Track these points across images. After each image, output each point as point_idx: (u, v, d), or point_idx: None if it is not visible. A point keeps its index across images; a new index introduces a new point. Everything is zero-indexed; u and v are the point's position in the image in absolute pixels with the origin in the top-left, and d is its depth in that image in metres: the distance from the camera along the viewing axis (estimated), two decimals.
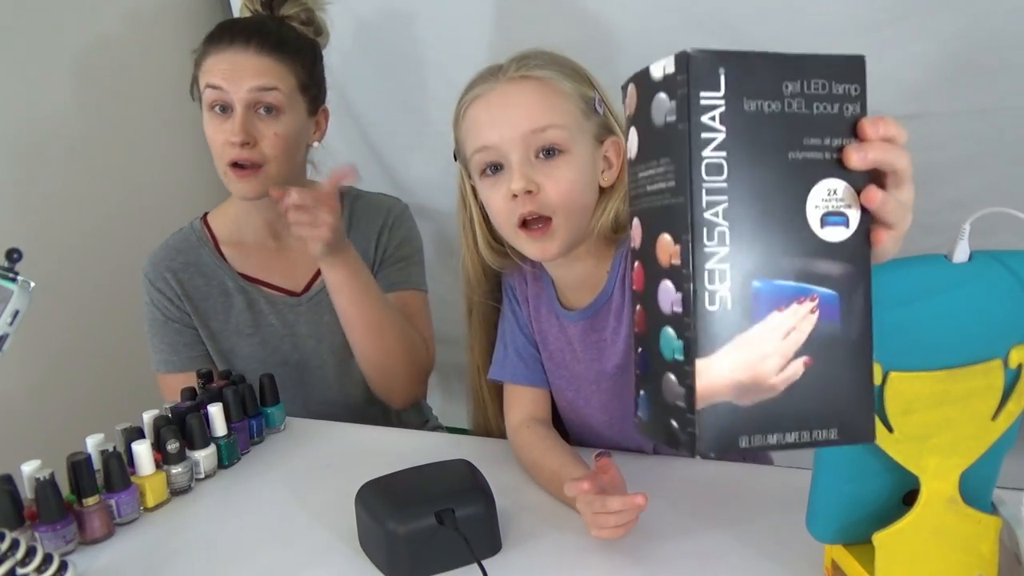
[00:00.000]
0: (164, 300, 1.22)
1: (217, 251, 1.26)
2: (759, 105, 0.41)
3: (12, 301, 0.71)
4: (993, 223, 0.54)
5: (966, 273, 0.58)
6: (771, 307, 0.41)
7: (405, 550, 0.74)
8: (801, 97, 0.42)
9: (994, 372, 0.59)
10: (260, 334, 1.25)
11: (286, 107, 1.14)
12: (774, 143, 0.41)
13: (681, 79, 0.40)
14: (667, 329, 0.42)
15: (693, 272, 0.40)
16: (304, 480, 0.97)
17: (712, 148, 0.40)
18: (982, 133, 1.21)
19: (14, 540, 0.74)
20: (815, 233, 0.42)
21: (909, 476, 0.61)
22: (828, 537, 0.67)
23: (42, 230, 1.41)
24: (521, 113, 0.87)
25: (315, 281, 1.27)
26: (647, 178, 0.43)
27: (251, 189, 1.15)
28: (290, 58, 1.16)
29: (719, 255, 0.40)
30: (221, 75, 1.12)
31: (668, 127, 0.41)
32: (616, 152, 0.92)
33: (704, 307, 0.40)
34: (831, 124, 0.42)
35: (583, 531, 0.79)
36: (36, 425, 1.36)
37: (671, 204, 0.41)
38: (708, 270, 0.40)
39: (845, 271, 0.42)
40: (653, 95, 0.43)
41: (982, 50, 1.16)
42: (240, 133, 1.10)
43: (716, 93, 0.40)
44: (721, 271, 0.40)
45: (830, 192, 0.42)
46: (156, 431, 0.95)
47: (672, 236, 0.41)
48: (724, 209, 0.40)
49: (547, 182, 0.86)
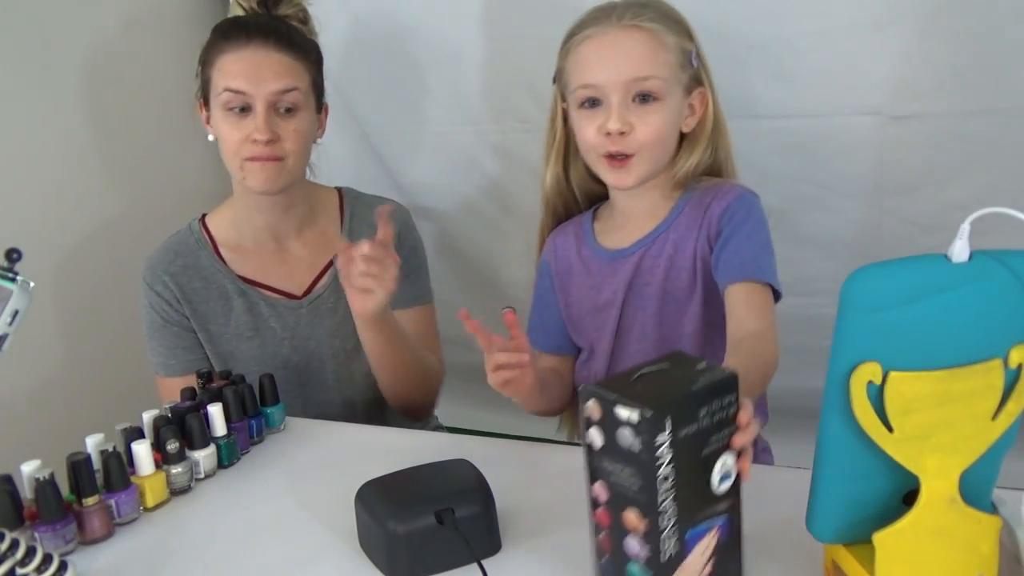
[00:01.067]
0: (162, 303, 1.21)
1: (216, 254, 1.25)
2: (687, 429, 0.61)
3: (12, 301, 0.71)
4: (993, 223, 0.54)
5: (966, 273, 0.58)
6: (696, 542, 0.65)
7: (405, 550, 0.74)
8: (708, 415, 0.63)
9: (994, 372, 0.59)
10: (260, 337, 1.24)
11: (303, 105, 1.16)
12: (696, 447, 0.63)
13: (644, 428, 0.60)
14: (633, 565, 0.65)
15: (656, 539, 0.62)
16: (304, 480, 0.97)
17: (664, 465, 0.61)
18: (982, 133, 1.21)
19: (14, 540, 0.74)
20: (715, 490, 0.65)
21: (909, 476, 0.61)
22: (828, 537, 0.67)
23: (42, 230, 1.41)
24: (628, 61, 0.97)
25: (316, 284, 1.26)
26: (613, 471, 0.64)
27: (271, 179, 1.14)
28: (303, 56, 1.17)
29: (669, 525, 0.63)
30: (243, 76, 1.11)
31: (633, 453, 0.61)
32: (701, 102, 1.03)
33: (660, 560, 0.63)
34: (722, 423, 0.64)
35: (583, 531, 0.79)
36: (36, 425, 1.36)
37: (637, 496, 0.62)
38: (663, 537, 0.62)
39: (732, 502, 0.66)
40: (618, 427, 0.62)
41: (982, 50, 1.17)
42: (266, 132, 1.11)
43: (665, 433, 0.60)
44: (670, 533, 0.63)
45: (723, 464, 0.65)
46: (156, 431, 0.95)
47: (639, 513, 0.63)
48: (672, 497, 0.62)
49: (639, 124, 0.97)
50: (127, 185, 1.56)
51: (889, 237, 1.33)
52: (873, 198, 1.32)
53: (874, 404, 0.59)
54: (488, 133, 1.56)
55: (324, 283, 1.26)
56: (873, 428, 0.59)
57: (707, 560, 0.65)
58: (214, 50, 1.15)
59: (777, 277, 0.99)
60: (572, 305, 1.13)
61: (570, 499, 0.86)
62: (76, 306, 1.45)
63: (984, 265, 0.58)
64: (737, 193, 1.02)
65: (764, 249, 1.00)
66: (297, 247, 1.27)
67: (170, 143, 1.61)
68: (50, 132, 1.44)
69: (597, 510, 0.67)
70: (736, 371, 0.65)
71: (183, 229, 1.27)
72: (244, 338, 1.24)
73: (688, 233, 1.03)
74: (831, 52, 1.25)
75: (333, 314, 1.25)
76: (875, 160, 1.29)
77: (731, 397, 0.64)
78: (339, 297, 1.23)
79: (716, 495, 0.65)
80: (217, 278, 1.24)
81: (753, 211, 1.01)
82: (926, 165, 1.26)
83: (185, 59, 1.20)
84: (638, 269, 1.06)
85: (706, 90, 1.03)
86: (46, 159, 1.43)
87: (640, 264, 1.06)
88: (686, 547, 0.64)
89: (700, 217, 1.02)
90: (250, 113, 1.12)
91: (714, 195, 1.02)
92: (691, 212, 1.04)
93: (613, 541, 0.66)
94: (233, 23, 1.17)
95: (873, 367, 0.58)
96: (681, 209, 1.05)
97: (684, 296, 1.03)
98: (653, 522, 0.62)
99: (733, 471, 0.66)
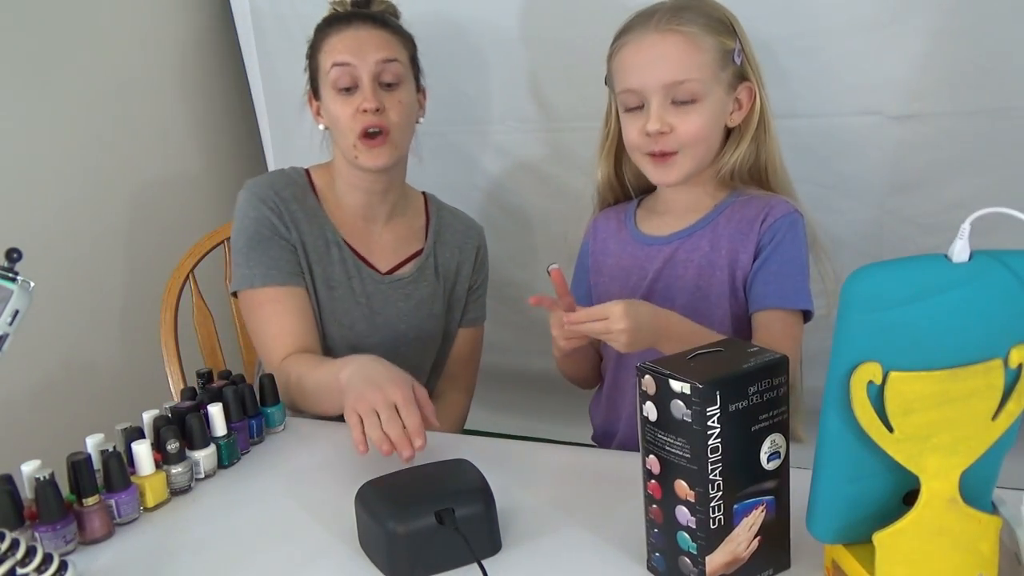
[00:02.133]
0: (274, 218, 1.22)
1: (319, 204, 1.27)
2: (736, 405, 0.65)
3: (12, 301, 0.71)
4: (993, 223, 0.54)
5: (966, 273, 0.58)
6: (742, 516, 0.67)
7: (405, 550, 0.74)
8: (758, 393, 0.66)
9: (994, 372, 0.59)
10: (339, 290, 1.26)
11: (404, 78, 1.21)
12: (745, 423, 0.66)
13: (695, 400, 0.63)
14: (683, 533, 0.68)
15: (705, 508, 0.65)
16: (304, 480, 0.97)
17: (713, 437, 0.64)
18: (982, 133, 1.21)
19: (14, 540, 0.74)
20: (764, 467, 0.67)
21: (909, 476, 0.61)
22: (828, 537, 0.67)
23: (42, 230, 1.41)
24: (664, 65, 1.00)
25: (402, 266, 1.30)
26: (666, 441, 0.67)
27: (382, 157, 1.19)
28: (400, 34, 1.24)
29: (716, 496, 0.65)
30: (348, 50, 1.18)
31: (684, 423, 0.65)
32: (748, 96, 1.05)
33: (709, 528, 0.66)
34: (772, 403, 0.67)
35: (583, 531, 0.80)
36: (36, 425, 1.37)
37: (687, 467, 0.66)
38: (711, 507, 0.65)
39: (778, 484, 0.69)
40: (671, 399, 0.65)
41: (982, 50, 1.17)
42: (373, 100, 1.16)
43: (715, 407, 0.64)
44: (717, 505, 0.66)
45: (772, 442, 0.67)
46: (156, 431, 0.95)
47: (688, 484, 0.66)
48: (719, 470, 0.65)
49: (679, 124, 1.00)
50: (130, 185, 1.56)
51: (889, 237, 1.33)
52: (873, 198, 1.32)
53: (874, 404, 0.59)
54: (488, 133, 1.56)
55: (408, 269, 1.30)
56: (873, 428, 0.59)
57: (753, 536, 0.68)
58: (319, 38, 1.22)
59: (811, 298, 1.02)
60: (602, 284, 1.15)
61: (570, 499, 0.87)
62: (76, 306, 1.45)
63: (984, 265, 0.58)
64: (784, 211, 1.03)
65: (801, 272, 1.02)
66: (384, 232, 1.30)
67: (174, 143, 1.61)
68: (53, 133, 1.44)
69: (650, 482, 0.70)
70: (786, 355, 0.67)
71: (287, 170, 1.29)
72: (327, 286, 1.25)
73: (729, 238, 1.04)
74: (831, 52, 1.25)
75: (408, 299, 1.29)
76: (875, 160, 1.29)
77: (781, 379, 0.67)
78: (416, 287, 1.29)
79: (763, 472, 0.67)
80: (320, 222, 1.26)
81: (798, 232, 1.03)
82: (926, 165, 1.26)
83: (187, 58, 1.21)
84: (671, 261, 1.08)
85: (752, 85, 1.05)
86: (47, 159, 1.43)
87: (674, 256, 1.07)
88: (733, 519, 0.66)
89: (745, 228, 1.03)
90: (357, 90, 1.18)
91: (762, 209, 1.04)
92: (733, 217, 1.05)
93: (664, 511, 0.69)
94: (334, 14, 1.24)
95: (873, 367, 0.58)
96: (722, 210, 1.06)
97: (716, 295, 1.05)
98: (703, 491, 0.65)
99: (782, 450, 0.68)
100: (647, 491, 0.71)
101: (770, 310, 1.01)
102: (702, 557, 0.66)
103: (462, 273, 1.35)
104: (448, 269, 1.33)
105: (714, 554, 0.66)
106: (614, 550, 0.76)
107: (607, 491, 0.87)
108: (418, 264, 1.30)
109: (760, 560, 0.69)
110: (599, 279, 1.16)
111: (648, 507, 0.71)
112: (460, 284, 1.35)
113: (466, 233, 1.36)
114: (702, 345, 0.71)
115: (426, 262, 1.31)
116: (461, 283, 1.35)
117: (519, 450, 1.05)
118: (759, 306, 1.02)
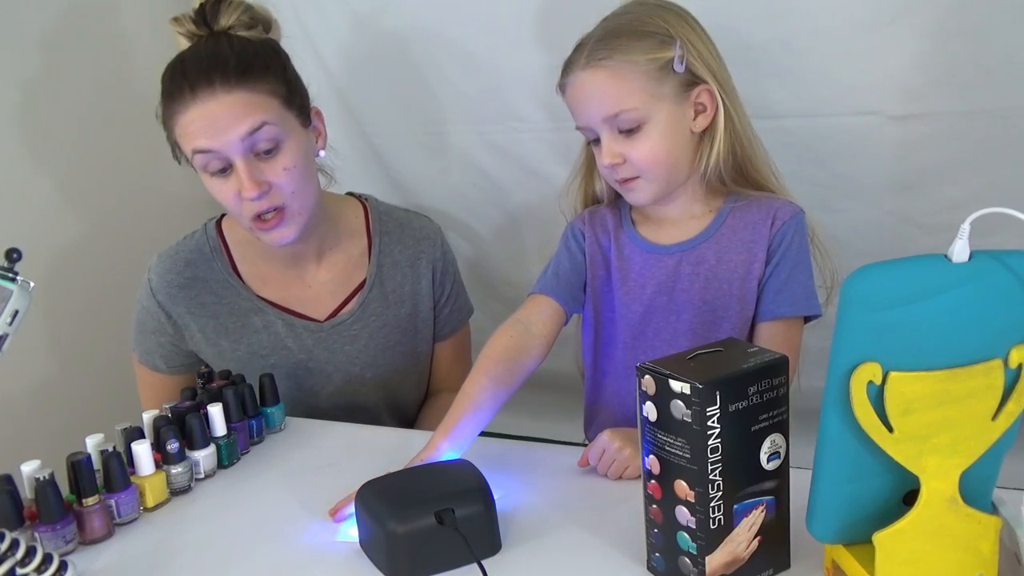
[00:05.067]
0: (161, 315, 1.17)
1: (232, 266, 1.18)
2: (736, 405, 0.65)
3: (12, 301, 0.71)
4: (993, 223, 0.54)
5: (966, 273, 0.58)
6: (742, 516, 0.67)
7: (405, 550, 0.74)
8: (757, 394, 0.66)
9: (994, 372, 0.59)
10: (274, 356, 1.19)
11: (282, 135, 1.04)
12: (745, 423, 0.66)
13: (695, 400, 0.63)
14: (683, 533, 0.68)
15: (705, 508, 0.65)
16: (304, 480, 0.97)
17: (713, 437, 0.64)
18: (982, 133, 1.21)
19: (14, 540, 0.74)
20: (764, 467, 0.67)
21: (909, 476, 0.61)
22: (828, 537, 0.67)
23: (42, 230, 1.41)
24: (595, 103, 0.98)
25: (340, 310, 1.21)
26: (666, 441, 0.67)
27: (285, 236, 1.08)
28: (261, 78, 1.03)
29: (716, 496, 0.66)
30: (203, 134, 1.01)
31: (684, 423, 0.65)
32: (709, 97, 1.00)
33: (709, 528, 0.66)
34: (772, 403, 0.67)
35: (583, 531, 0.80)
36: (36, 425, 1.37)
37: (687, 467, 0.66)
38: (711, 507, 0.65)
39: (778, 484, 0.69)
40: (671, 399, 0.65)
41: (982, 50, 1.16)
42: (252, 188, 1.01)
43: (715, 407, 0.64)
44: (717, 505, 0.66)
45: (772, 442, 0.68)
46: (156, 431, 0.95)
47: (688, 484, 0.66)
48: (719, 470, 0.65)
49: (630, 151, 0.98)
50: (128, 184, 1.56)
51: (889, 237, 1.33)
52: (873, 198, 1.31)
53: (874, 404, 0.59)
54: (488, 133, 1.56)
55: (349, 310, 1.20)
56: (873, 428, 0.59)
57: (753, 536, 0.68)
58: (168, 113, 1.05)
59: (819, 301, 1.02)
60: (599, 277, 1.11)
61: (570, 499, 0.87)
62: (77, 306, 1.45)
63: (984, 265, 0.58)
64: (790, 212, 1.01)
65: (810, 275, 1.02)
66: (319, 272, 1.20)
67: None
68: (49, 134, 1.44)
69: (650, 482, 0.70)
70: (786, 355, 0.68)
71: (199, 231, 1.20)
72: (257, 356, 1.18)
73: (736, 249, 1.02)
74: (831, 52, 1.24)
75: (355, 340, 1.20)
76: (875, 160, 1.29)
77: (781, 379, 0.67)
78: (363, 325, 1.20)
79: (763, 472, 0.67)
80: (229, 295, 1.17)
81: (804, 233, 1.02)
82: (926, 165, 1.26)
83: None
84: (676, 274, 1.05)
85: (709, 85, 1.00)
86: (46, 159, 1.43)
87: (678, 269, 1.05)
88: (733, 519, 0.66)
89: (753, 234, 1.02)
90: (232, 169, 1.03)
91: (767, 211, 1.02)
92: (737, 224, 1.03)
93: (664, 511, 0.69)
94: (171, 77, 1.04)
95: (873, 367, 0.58)
96: (723, 219, 1.04)
97: (722, 308, 1.03)
98: (702, 491, 0.65)
99: (782, 451, 0.68)
100: (647, 491, 0.71)
101: (778, 320, 1.00)
102: (702, 557, 0.66)
103: (421, 294, 1.23)
104: (401, 293, 1.22)
105: (714, 554, 0.66)
106: (614, 550, 0.76)
107: (607, 491, 0.87)
108: (360, 300, 1.20)
109: (760, 560, 0.69)
110: (595, 270, 1.12)
111: (648, 507, 0.71)
112: (422, 305, 1.24)
113: (417, 247, 1.23)
114: (702, 345, 0.71)
115: (370, 295, 1.20)
116: (422, 304, 1.24)
117: (519, 450, 1.05)
118: (770, 315, 1.00)
